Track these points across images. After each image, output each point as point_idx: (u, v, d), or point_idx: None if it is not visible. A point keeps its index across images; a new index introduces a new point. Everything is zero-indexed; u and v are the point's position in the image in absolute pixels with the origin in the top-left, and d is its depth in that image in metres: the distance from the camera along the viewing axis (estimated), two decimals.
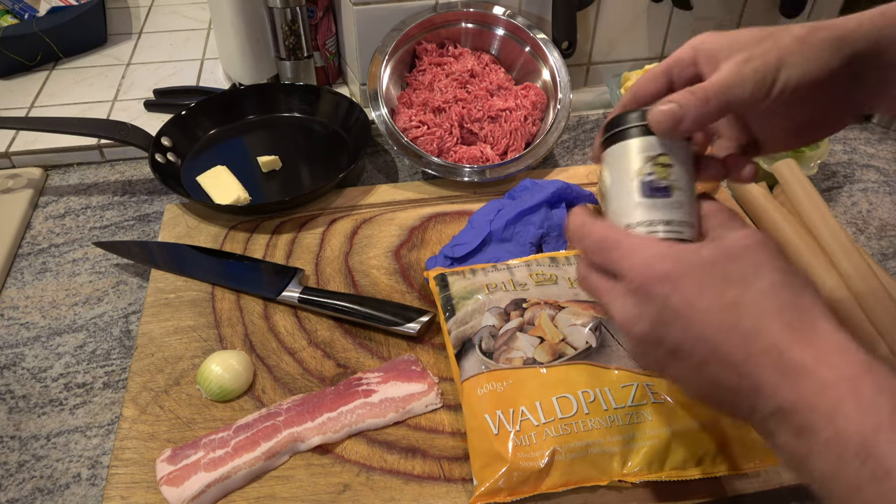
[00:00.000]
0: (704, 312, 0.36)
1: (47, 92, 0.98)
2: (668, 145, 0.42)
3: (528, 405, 0.52)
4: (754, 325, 0.35)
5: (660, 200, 0.41)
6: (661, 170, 0.41)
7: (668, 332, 0.37)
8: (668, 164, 0.42)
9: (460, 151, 0.81)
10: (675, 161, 0.42)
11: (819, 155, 0.80)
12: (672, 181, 0.42)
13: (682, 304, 0.36)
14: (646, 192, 0.41)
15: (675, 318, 0.36)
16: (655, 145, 0.42)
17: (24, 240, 0.77)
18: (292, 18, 0.90)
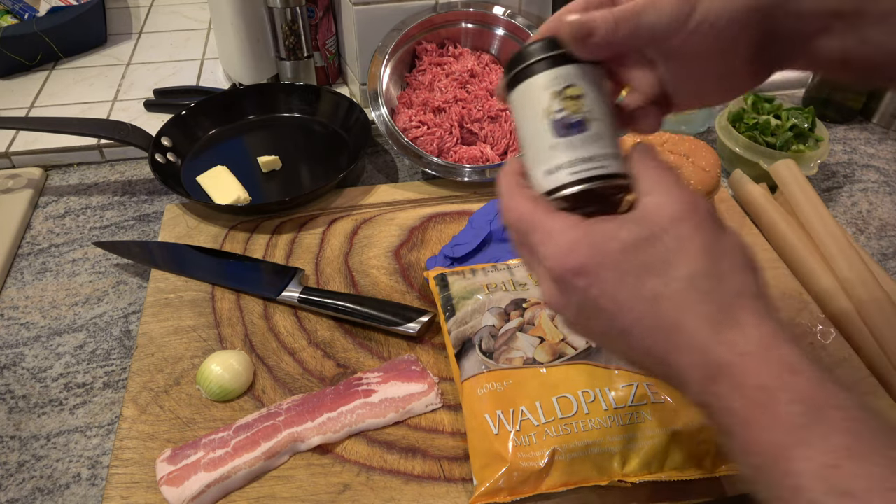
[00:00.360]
0: (624, 305, 0.34)
1: (47, 92, 0.98)
2: (575, 73, 0.38)
3: (528, 405, 0.52)
4: (674, 319, 0.33)
5: (576, 137, 0.37)
6: (571, 103, 0.38)
7: (592, 322, 0.36)
8: (578, 95, 0.38)
9: (460, 151, 0.81)
10: (587, 89, 0.38)
11: (819, 155, 0.80)
12: (586, 113, 0.38)
13: (601, 296, 0.34)
14: (559, 131, 0.38)
15: (597, 310, 0.35)
16: (561, 76, 0.38)
17: (24, 240, 0.77)
18: (292, 18, 0.90)
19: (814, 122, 0.83)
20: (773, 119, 0.83)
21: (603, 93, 0.39)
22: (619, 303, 0.34)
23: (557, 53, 0.38)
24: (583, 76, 0.38)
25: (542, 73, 0.38)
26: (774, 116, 0.84)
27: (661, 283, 0.33)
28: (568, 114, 0.38)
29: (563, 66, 0.38)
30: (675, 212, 0.34)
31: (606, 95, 0.39)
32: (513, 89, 0.40)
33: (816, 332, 0.63)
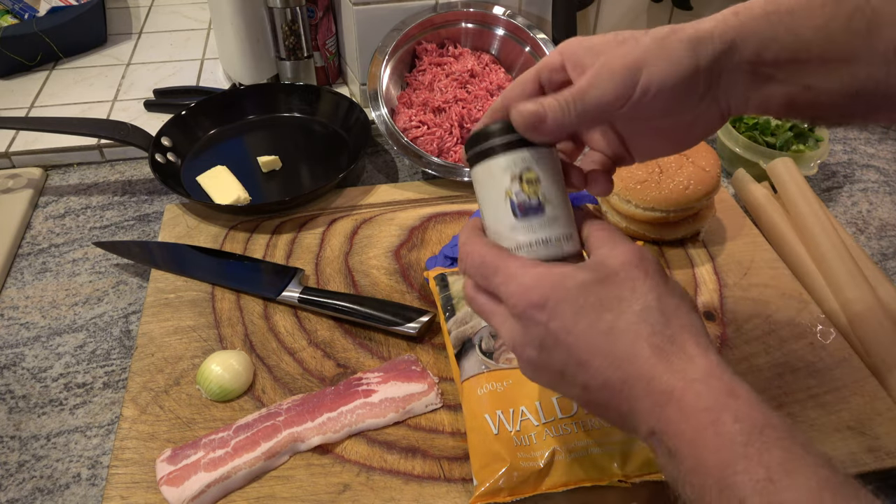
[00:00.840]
0: (581, 337, 0.36)
1: (47, 92, 0.98)
2: (532, 158, 0.40)
3: (528, 405, 0.52)
4: (628, 350, 0.35)
5: (535, 220, 0.40)
6: (529, 187, 0.40)
7: (552, 356, 0.37)
8: (535, 179, 0.40)
9: (460, 151, 0.81)
10: (543, 174, 0.41)
11: (819, 155, 0.80)
12: (542, 196, 0.40)
13: (560, 330, 0.36)
14: (518, 214, 0.40)
15: (557, 343, 0.37)
16: (519, 161, 0.40)
17: (24, 240, 0.77)
18: (292, 18, 0.90)
19: None
20: (773, 119, 0.83)
21: (557, 174, 0.42)
22: (577, 335, 0.36)
23: (514, 139, 0.41)
24: (538, 160, 0.41)
25: (502, 156, 0.41)
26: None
27: (615, 317, 0.36)
28: (526, 197, 0.40)
29: (519, 150, 0.41)
30: (625, 258, 0.38)
31: (561, 181, 0.42)
32: (474, 165, 0.42)
33: (816, 332, 0.63)
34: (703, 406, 0.33)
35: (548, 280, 0.37)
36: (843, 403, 0.58)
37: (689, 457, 0.32)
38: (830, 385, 0.59)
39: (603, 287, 0.37)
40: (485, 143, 0.41)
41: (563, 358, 0.37)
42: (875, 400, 0.58)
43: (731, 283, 0.69)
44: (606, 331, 0.36)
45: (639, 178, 0.69)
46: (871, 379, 0.60)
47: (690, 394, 0.33)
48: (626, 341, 0.35)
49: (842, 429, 0.56)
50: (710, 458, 0.32)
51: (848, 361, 0.61)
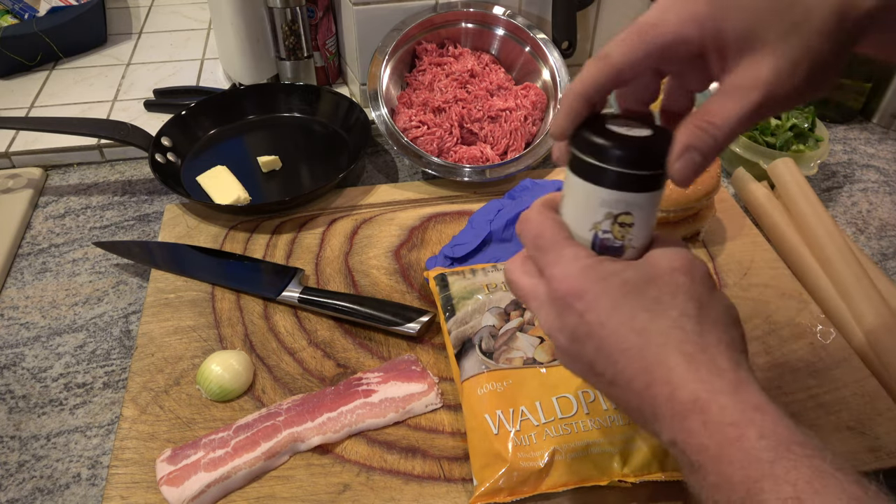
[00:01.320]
0: (614, 333, 0.35)
1: (47, 92, 0.98)
2: (638, 202, 0.37)
3: (528, 405, 0.52)
4: (657, 353, 0.34)
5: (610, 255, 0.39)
6: (619, 230, 0.38)
7: (584, 348, 0.37)
8: (629, 223, 0.38)
9: (460, 151, 0.81)
10: (639, 219, 0.38)
11: (819, 155, 0.80)
12: (628, 240, 0.38)
13: (595, 322, 0.36)
14: (597, 248, 0.39)
15: (590, 335, 0.36)
16: (623, 204, 0.37)
17: (24, 240, 0.77)
18: (292, 18, 0.90)
19: (814, 122, 0.83)
20: (773, 119, 0.83)
21: (650, 222, 0.39)
22: (610, 330, 0.36)
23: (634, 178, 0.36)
24: (642, 206, 0.37)
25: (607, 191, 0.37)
26: (774, 116, 0.84)
27: (650, 318, 0.35)
28: (612, 238, 0.38)
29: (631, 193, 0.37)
30: (674, 263, 0.37)
31: (652, 224, 0.39)
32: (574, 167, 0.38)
33: (816, 333, 0.63)
34: (728, 420, 0.32)
35: (594, 272, 0.36)
36: (843, 403, 0.58)
37: (713, 472, 0.32)
38: (830, 385, 0.59)
39: (645, 287, 0.36)
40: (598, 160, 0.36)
41: (594, 351, 0.36)
42: (875, 400, 0.58)
43: (731, 283, 0.68)
44: (639, 330, 0.35)
45: None
46: (871, 379, 0.59)
47: (715, 407, 0.32)
48: (656, 344, 0.35)
49: (842, 429, 0.56)
50: (735, 475, 0.31)
51: (848, 361, 0.61)
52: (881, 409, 0.57)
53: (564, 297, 0.37)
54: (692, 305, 0.35)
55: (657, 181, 0.37)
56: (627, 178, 0.36)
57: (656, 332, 0.35)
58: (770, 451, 0.30)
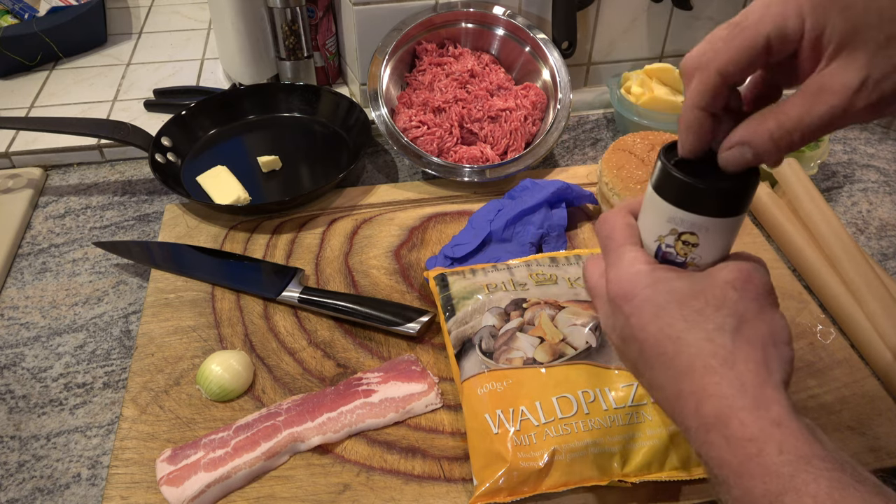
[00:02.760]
0: (652, 339, 0.36)
1: (47, 92, 0.98)
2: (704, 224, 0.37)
3: (528, 405, 0.52)
4: (686, 364, 0.35)
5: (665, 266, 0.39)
6: (682, 247, 0.38)
7: (628, 348, 0.39)
8: (693, 243, 0.38)
9: (460, 151, 0.81)
10: (704, 239, 0.37)
11: (819, 155, 0.80)
12: (691, 258, 0.38)
13: (637, 326, 0.37)
14: (659, 259, 0.39)
15: (633, 338, 0.38)
16: (687, 223, 0.37)
17: (24, 240, 0.77)
18: (292, 18, 0.90)
19: None
20: None
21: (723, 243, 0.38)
22: (648, 335, 0.37)
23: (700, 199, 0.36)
24: (709, 229, 0.37)
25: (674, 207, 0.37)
26: None
27: (687, 328, 0.36)
28: (674, 253, 0.39)
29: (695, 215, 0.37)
30: (730, 276, 0.37)
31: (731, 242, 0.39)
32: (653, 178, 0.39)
33: (816, 333, 0.63)
34: (748, 436, 0.32)
35: (647, 278, 0.37)
36: (843, 403, 0.58)
37: (735, 486, 0.32)
38: (830, 385, 0.59)
39: (691, 298, 0.36)
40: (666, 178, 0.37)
41: (637, 353, 0.38)
42: (875, 400, 0.58)
43: None
44: (675, 339, 0.36)
45: (639, 178, 0.69)
46: (871, 379, 0.60)
47: (735, 422, 0.33)
48: (687, 355, 0.35)
49: (842, 429, 0.56)
50: (756, 489, 0.31)
51: (848, 361, 0.61)
52: (881, 409, 0.57)
53: (615, 299, 0.38)
54: (732, 321, 0.35)
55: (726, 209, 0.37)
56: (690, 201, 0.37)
57: (689, 343, 0.35)
58: (790, 466, 0.31)
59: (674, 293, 0.36)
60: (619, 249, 0.40)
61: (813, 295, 0.69)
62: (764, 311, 0.36)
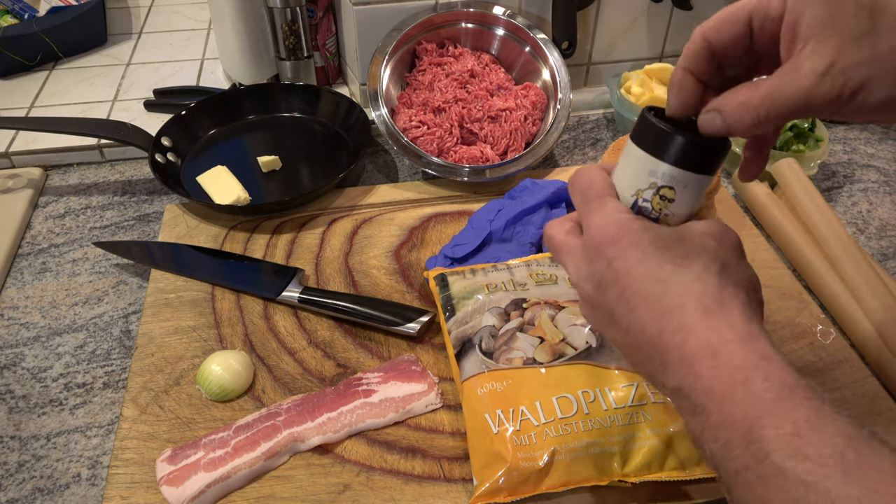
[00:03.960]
0: (637, 280, 0.37)
1: (47, 92, 0.98)
2: (683, 180, 0.38)
3: (528, 405, 0.52)
4: (675, 302, 0.36)
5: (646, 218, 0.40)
6: (658, 202, 0.39)
7: (606, 295, 0.39)
8: (669, 198, 0.39)
9: (460, 151, 0.81)
10: (679, 195, 0.39)
11: (819, 155, 0.80)
12: (664, 214, 0.40)
13: (622, 269, 0.38)
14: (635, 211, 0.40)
15: (615, 281, 0.38)
16: (668, 177, 0.39)
17: (24, 240, 0.77)
18: (292, 18, 0.90)
19: (814, 122, 0.83)
20: None
21: (693, 203, 0.40)
22: (633, 277, 0.37)
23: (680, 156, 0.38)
24: (686, 185, 0.39)
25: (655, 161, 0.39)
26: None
27: (674, 270, 0.37)
28: (650, 208, 0.40)
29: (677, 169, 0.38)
30: (707, 228, 0.39)
31: (695, 206, 0.40)
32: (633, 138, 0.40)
33: (816, 333, 0.63)
34: (736, 364, 0.33)
35: (631, 225, 0.38)
36: (843, 403, 0.57)
37: (716, 412, 0.33)
38: (830, 385, 0.59)
39: (675, 244, 0.37)
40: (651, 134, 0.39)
41: (616, 297, 0.38)
42: (875, 400, 0.58)
43: None
44: (662, 280, 0.37)
45: None
46: (871, 379, 0.60)
47: (724, 353, 0.34)
48: (676, 294, 0.36)
49: None
50: (737, 413, 0.32)
51: (848, 361, 0.61)
52: (881, 409, 0.57)
53: (599, 244, 0.39)
54: (716, 265, 0.37)
55: (707, 166, 0.39)
56: (674, 152, 0.38)
57: (677, 283, 0.36)
58: (773, 393, 0.32)
59: (659, 239, 0.38)
60: (600, 199, 0.40)
61: (813, 295, 0.69)
62: (740, 260, 0.38)
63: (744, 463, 0.32)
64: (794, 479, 0.30)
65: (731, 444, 0.32)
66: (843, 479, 0.29)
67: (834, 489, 0.29)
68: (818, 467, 0.29)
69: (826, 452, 0.30)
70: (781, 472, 0.30)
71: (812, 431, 0.31)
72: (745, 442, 0.32)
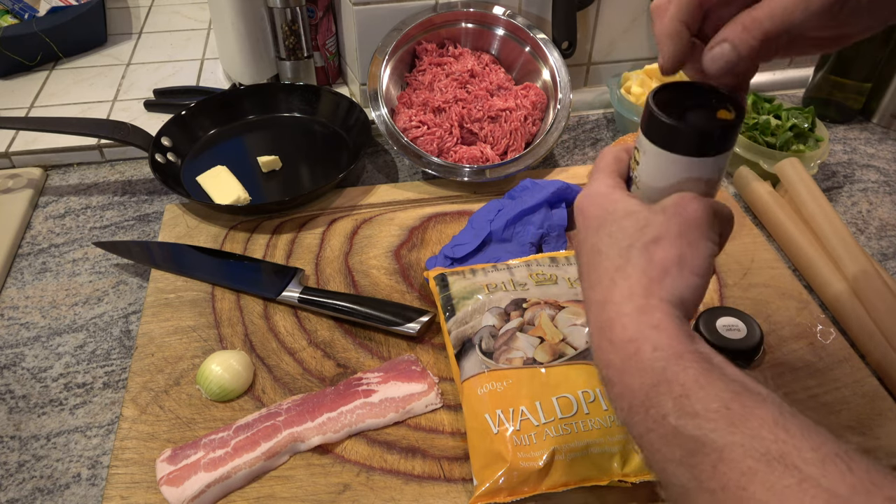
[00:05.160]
0: (586, 250, 0.41)
1: (47, 92, 0.98)
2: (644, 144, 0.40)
3: (528, 405, 0.52)
4: (599, 275, 0.39)
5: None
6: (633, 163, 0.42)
7: (576, 256, 0.43)
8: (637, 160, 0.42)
9: (460, 151, 0.81)
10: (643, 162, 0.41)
11: (819, 155, 0.80)
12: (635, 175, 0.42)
13: (582, 237, 0.42)
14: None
15: (577, 247, 0.42)
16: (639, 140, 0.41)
17: (24, 240, 0.77)
18: (292, 18, 0.90)
19: (814, 122, 0.83)
20: (773, 119, 0.83)
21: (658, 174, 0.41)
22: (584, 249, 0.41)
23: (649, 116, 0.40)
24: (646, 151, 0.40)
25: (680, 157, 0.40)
26: (774, 116, 0.84)
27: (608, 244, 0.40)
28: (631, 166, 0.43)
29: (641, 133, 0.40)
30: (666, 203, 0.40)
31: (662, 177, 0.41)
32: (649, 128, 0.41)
33: (816, 332, 0.63)
34: (628, 337, 0.36)
35: (603, 199, 0.41)
36: (843, 403, 0.58)
37: (618, 383, 0.36)
38: (830, 385, 0.59)
39: (624, 218, 0.40)
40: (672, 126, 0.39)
41: (579, 260, 0.42)
42: (875, 400, 0.58)
43: (731, 283, 0.68)
44: (598, 252, 0.40)
45: None
46: (871, 379, 0.59)
47: (618, 326, 0.37)
48: (602, 267, 0.39)
49: (842, 429, 0.56)
50: (634, 383, 0.35)
51: (848, 361, 0.61)
52: (881, 409, 0.57)
53: (577, 210, 0.43)
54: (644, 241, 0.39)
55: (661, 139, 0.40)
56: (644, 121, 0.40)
57: (606, 257, 0.39)
58: (662, 361, 0.35)
59: (613, 213, 0.40)
60: (598, 172, 0.43)
61: (814, 294, 0.69)
62: (682, 237, 0.39)
63: (646, 426, 0.34)
64: (686, 435, 0.32)
65: (634, 411, 0.35)
66: (728, 429, 0.31)
67: (720, 440, 0.31)
68: (706, 422, 0.32)
69: (713, 407, 0.32)
70: (676, 430, 0.32)
71: (700, 389, 0.33)
72: (644, 408, 0.34)
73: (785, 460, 0.29)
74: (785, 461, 0.29)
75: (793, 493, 0.28)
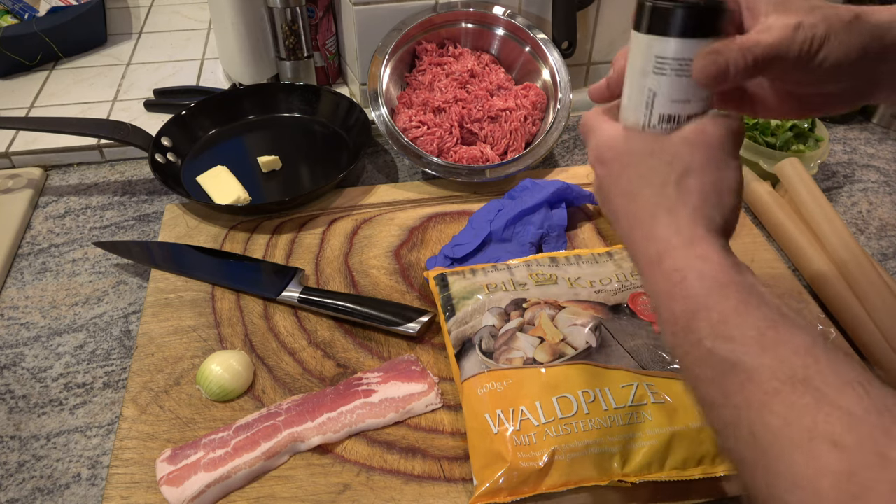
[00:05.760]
0: (616, 195, 0.43)
1: (47, 92, 0.98)
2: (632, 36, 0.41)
3: (528, 405, 0.52)
4: (640, 214, 0.41)
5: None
6: None
7: (607, 207, 0.44)
8: None
9: (460, 151, 0.81)
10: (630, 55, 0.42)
11: (819, 155, 0.80)
12: None
13: (608, 184, 0.43)
14: None
15: (606, 195, 0.44)
16: None
17: (24, 240, 0.77)
18: (292, 18, 0.90)
19: (814, 122, 0.83)
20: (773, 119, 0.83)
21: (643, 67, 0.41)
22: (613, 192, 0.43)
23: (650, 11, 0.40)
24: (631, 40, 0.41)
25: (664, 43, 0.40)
26: None
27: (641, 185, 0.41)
28: None
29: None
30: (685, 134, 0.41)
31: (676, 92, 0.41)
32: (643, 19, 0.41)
33: None
34: (675, 267, 0.38)
35: (617, 141, 0.43)
36: None
37: (665, 310, 0.38)
38: None
39: (648, 157, 0.41)
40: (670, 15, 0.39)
41: (610, 207, 0.44)
42: None
43: None
44: (630, 194, 0.41)
45: None
46: None
47: (668, 258, 0.38)
48: (640, 207, 0.41)
49: None
50: (677, 309, 0.37)
51: None
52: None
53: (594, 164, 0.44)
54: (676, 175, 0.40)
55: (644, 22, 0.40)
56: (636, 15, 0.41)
57: (642, 196, 0.41)
58: (705, 290, 0.37)
59: (634, 154, 0.42)
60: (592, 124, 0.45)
61: (814, 294, 0.69)
62: (711, 162, 0.40)
63: (685, 350, 0.37)
64: (719, 357, 0.34)
65: (677, 336, 0.37)
66: (759, 353, 0.33)
67: (750, 361, 0.33)
68: (739, 346, 0.34)
69: (749, 334, 0.34)
70: (710, 352, 0.35)
71: (738, 317, 0.35)
72: (684, 332, 0.37)
73: (808, 383, 0.31)
74: (808, 383, 0.31)
75: (809, 410, 0.30)
